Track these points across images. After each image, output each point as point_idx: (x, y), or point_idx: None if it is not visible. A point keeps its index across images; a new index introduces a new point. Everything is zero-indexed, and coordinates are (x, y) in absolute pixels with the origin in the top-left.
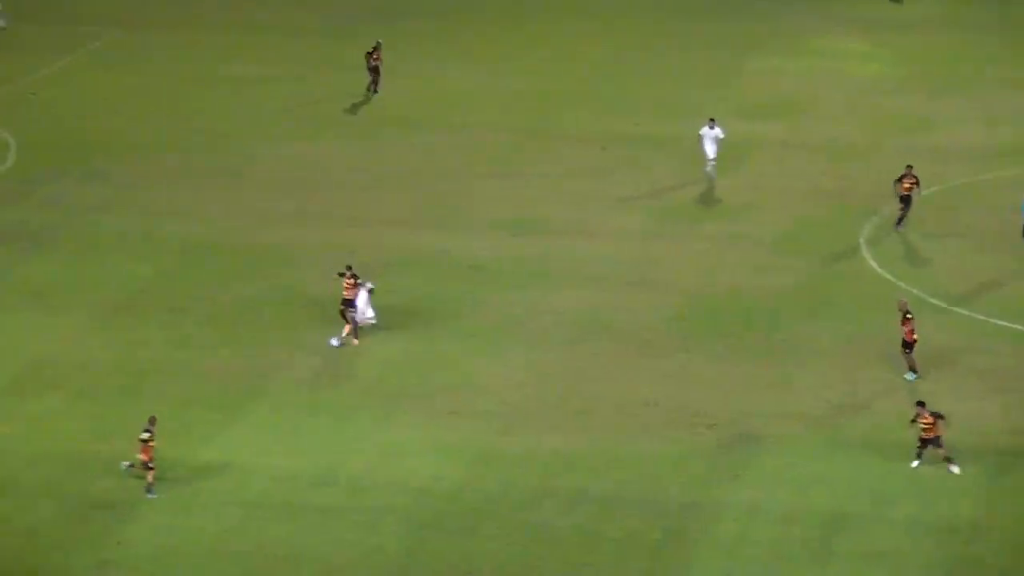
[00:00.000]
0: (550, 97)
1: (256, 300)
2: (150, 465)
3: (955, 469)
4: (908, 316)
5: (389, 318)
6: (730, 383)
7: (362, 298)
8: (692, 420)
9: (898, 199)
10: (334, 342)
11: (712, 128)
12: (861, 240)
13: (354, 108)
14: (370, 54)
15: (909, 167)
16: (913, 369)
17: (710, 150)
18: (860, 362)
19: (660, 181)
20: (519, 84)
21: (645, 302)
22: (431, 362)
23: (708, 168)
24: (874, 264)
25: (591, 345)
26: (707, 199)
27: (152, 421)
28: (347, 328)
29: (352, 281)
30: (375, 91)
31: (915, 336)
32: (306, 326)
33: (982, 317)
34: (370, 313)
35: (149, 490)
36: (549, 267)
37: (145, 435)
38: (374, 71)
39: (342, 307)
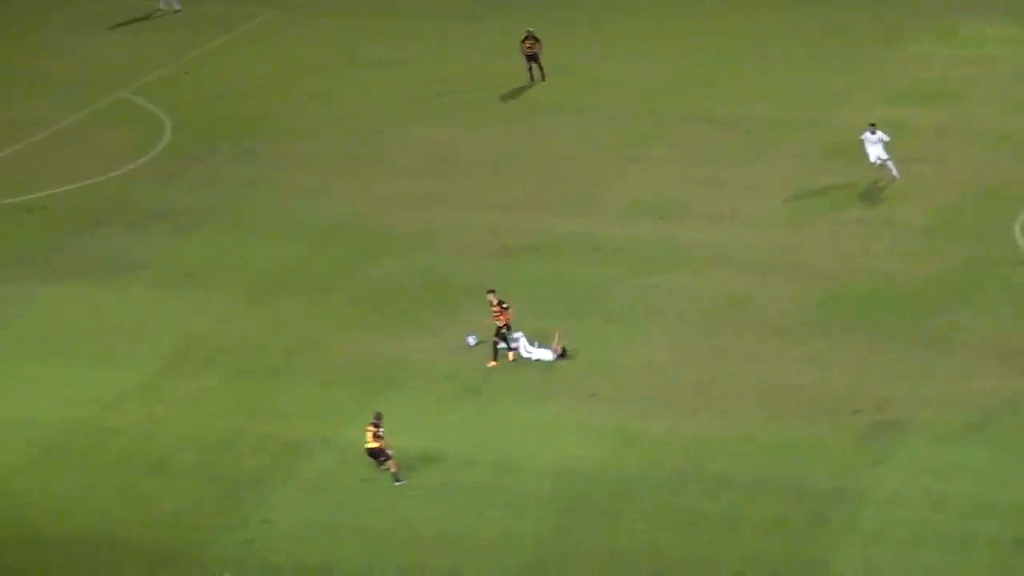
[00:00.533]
0: (688, 82)
1: (398, 281)
2: (389, 454)
3: None
4: None
5: (530, 301)
6: (875, 369)
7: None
8: (836, 406)
9: None
10: (471, 340)
11: (873, 133)
12: (1016, 228)
13: (494, 92)
14: (523, 42)
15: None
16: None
17: (873, 152)
18: (1009, 351)
19: (804, 166)
20: (656, 69)
21: (787, 287)
22: (571, 344)
23: (886, 168)
24: None
25: (732, 329)
26: (853, 185)
27: (378, 416)
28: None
29: (374, 431)
30: (542, 78)
31: None
32: (446, 309)
33: None
34: (472, 340)
35: (397, 479)
36: (690, 251)
37: (372, 429)
38: (531, 58)
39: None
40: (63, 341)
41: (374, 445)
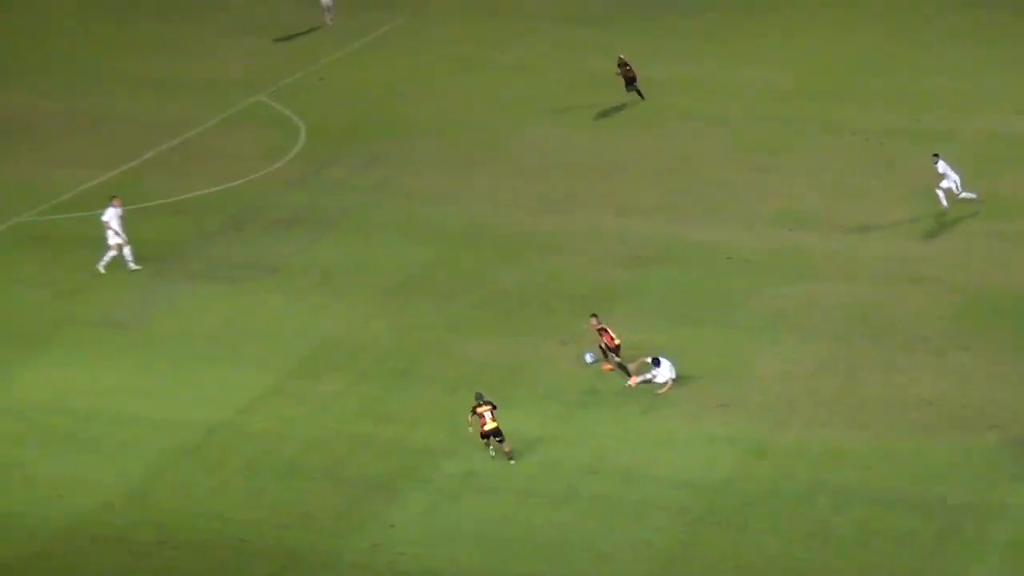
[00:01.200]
0: (819, 90)
1: (525, 287)
2: (498, 437)
3: None
4: None
5: (658, 311)
6: (1013, 383)
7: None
8: (971, 420)
9: None
10: (588, 358)
11: (936, 163)
12: None
13: (624, 97)
14: (623, 67)
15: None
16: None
17: (947, 182)
18: None
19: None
20: (788, 78)
21: (922, 299)
22: (700, 353)
23: (962, 195)
24: None
25: (865, 340)
26: (993, 196)
27: (479, 396)
28: (633, 381)
29: (491, 410)
30: (639, 95)
31: None
32: (573, 317)
33: None
34: (589, 358)
35: (511, 457)
36: (821, 261)
37: (490, 409)
38: (629, 81)
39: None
40: (200, 343)
41: (494, 425)
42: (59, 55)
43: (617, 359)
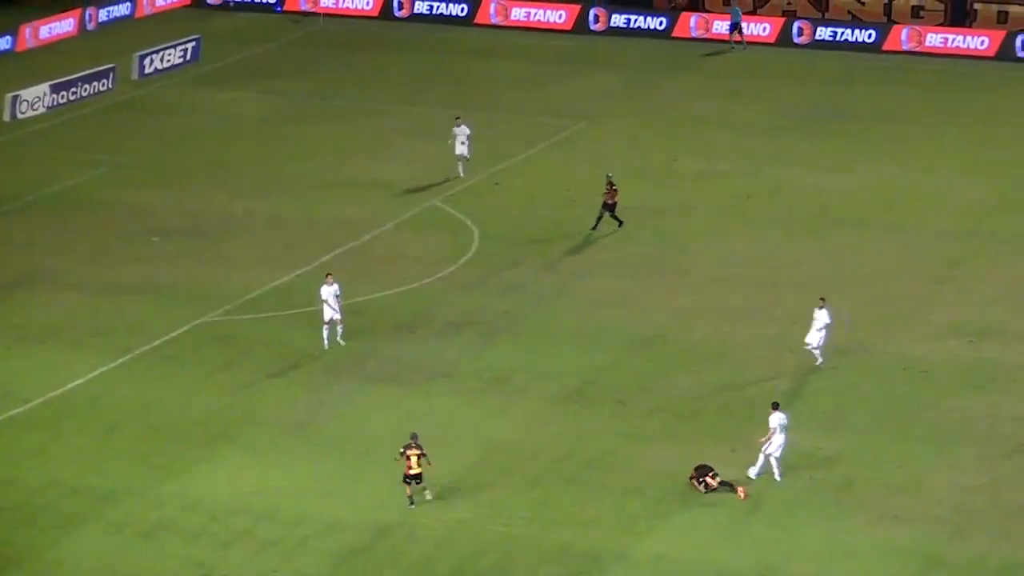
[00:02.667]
0: (1011, 201)
1: (698, 395)
2: (419, 482)
3: None
4: None
5: (831, 415)
6: None
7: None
8: None
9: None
10: (751, 473)
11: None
12: None
13: (802, 206)
14: (611, 188)
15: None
16: None
17: None
18: None
19: None
20: (977, 187)
21: None
22: (876, 463)
23: None
24: None
25: None
26: None
27: (413, 437)
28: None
29: (418, 453)
30: (593, 227)
31: None
32: (744, 425)
33: None
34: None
35: (412, 502)
36: (1005, 374)
37: (417, 452)
38: (608, 208)
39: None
40: (373, 445)
41: (418, 470)
42: (247, 159)
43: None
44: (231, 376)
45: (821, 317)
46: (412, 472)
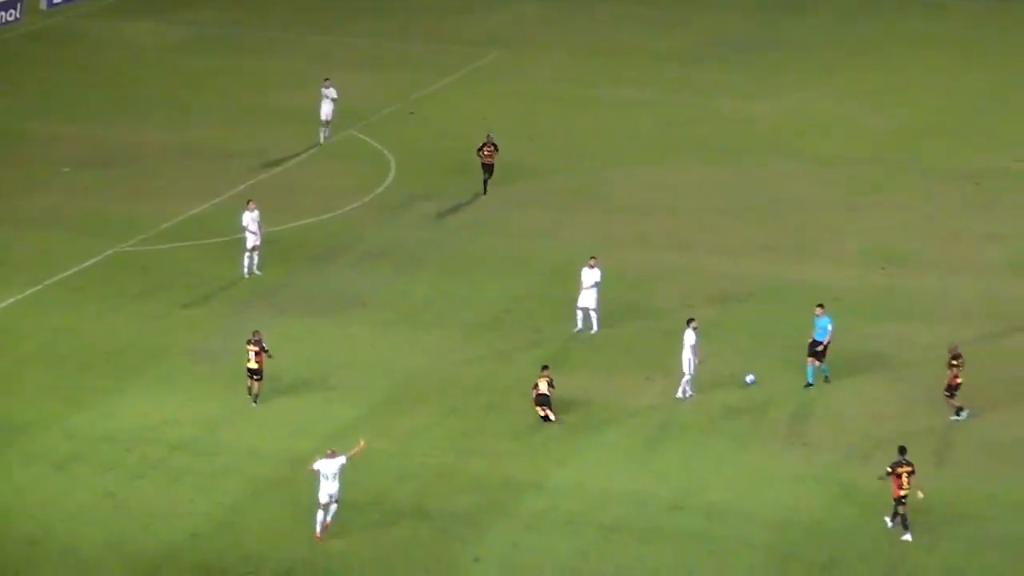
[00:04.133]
0: (919, 129)
1: (613, 324)
2: (259, 376)
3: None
4: (955, 361)
5: (746, 349)
6: None
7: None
8: None
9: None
10: (749, 380)
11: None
12: None
13: (723, 135)
14: (480, 150)
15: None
16: (959, 410)
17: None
18: None
19: None
20: (886, 116)
21: (1013, 339)
22: (789, 391)
23: None
24: None
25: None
26: None
27: (254, 334)
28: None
29: (256, 349)
30: (485, 192)
31: (959, 380)
32: (659, 354)
33: None
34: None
35: (255, 399)
36: (914, 301)
37: (255, 348)
38: (487, 169)
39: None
40: (288, 375)
41: (256, 365)
42: (164, 89)
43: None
44: (144, 307)
45: (591, 277)
46: (250, 366)
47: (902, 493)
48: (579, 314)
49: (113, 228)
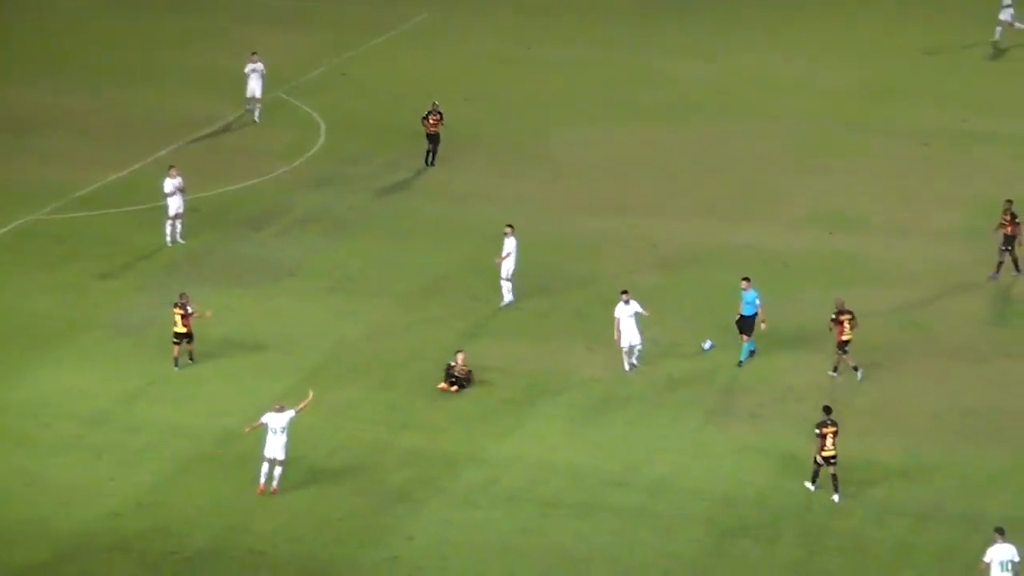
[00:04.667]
0: (869, 89)
1: (557, 291)
2: (189, 340)
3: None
4: (840, 317)
5: (688, 316)
6: None
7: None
8: (1016, 431)
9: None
10: (707, 345)
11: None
12: None
13: (666, 94)
14: (425, 118)
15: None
16: (846, 368)
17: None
18: None
19: (988, 181)
20: (837, 75)
21: (966, 304)
22: (733, 363)
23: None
24: None
25: (908, 349)
26: None
27: (181, 296)
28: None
29: (182, 312)
30: (431, 163)
31: (844, 337)
32: (601, 322)
33: None
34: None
35: (191, 358)
36: (863, 266)
37: (180, 311)
38: (432, 139)
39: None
40: (214, 348)
41: (183, 329)
42: (79, 51)
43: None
44: (59, 277)
45: (506, 246)
46: (177, 331)
47: (826, 454)
48: (504, 286)
49: (26, 196)
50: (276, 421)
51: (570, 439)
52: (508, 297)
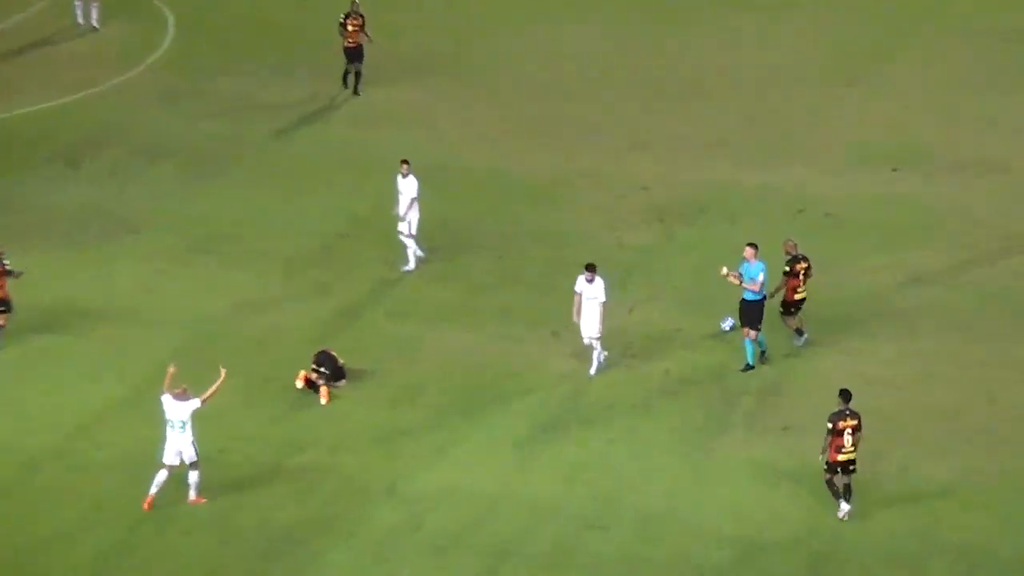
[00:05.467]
0: None
1: (507, 252)
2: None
3: None
4: (796, 267)
5: (690, 287)
6: None
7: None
8: None
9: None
10: (726, 325)
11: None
12: None
13: None
14: (342, 25)
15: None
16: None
17: None
18: None
19: None
20: None
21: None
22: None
23: None
24: None
25: (995, 333)
26: None
27: None
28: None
29: None
30: (355, 91)
31: (797, 296)
32: (570, 297)
33: None
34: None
35: None
36: (934, 218)
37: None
38: (352, 54)
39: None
40: (26, 335)
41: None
42: None
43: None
44: None
45: (405, 189)
46: None
47: (844, 457)
48: (406, 245)
49: None
50: (175, 411)
51: (526, 463)
52: (413, 260)
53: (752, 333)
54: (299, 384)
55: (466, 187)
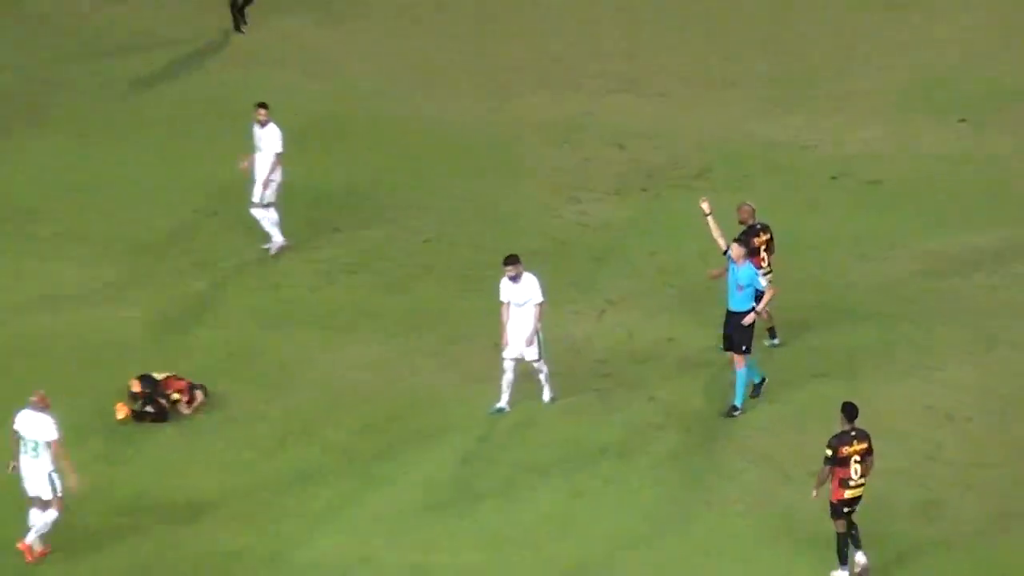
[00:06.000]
0: None
1: (429, 234)
2: None
3: None
4: (756, 241)
5: (696, 278)
6: None
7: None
8: None
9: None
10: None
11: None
12: None
13: None
14: None
15: None
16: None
17: None
18: None
19: None
20: None
21: None
22: (771, 372)
23: None
24: None
25: None
26: None
27: None
28: None
29: None
30: (239, 28)
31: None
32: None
33: None
34: None
35: None
36: (999, 186)
37: None
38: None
39: None
40: None
41: None
42: None
43: None
44: None
45: (263, 141)
46: None
47: (849, 494)
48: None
49: None
50: (30, 429)
51: (454, 525)
52: (277, 238)
53: (739, 360)
54: (120, 416)
55: (379, 145)
